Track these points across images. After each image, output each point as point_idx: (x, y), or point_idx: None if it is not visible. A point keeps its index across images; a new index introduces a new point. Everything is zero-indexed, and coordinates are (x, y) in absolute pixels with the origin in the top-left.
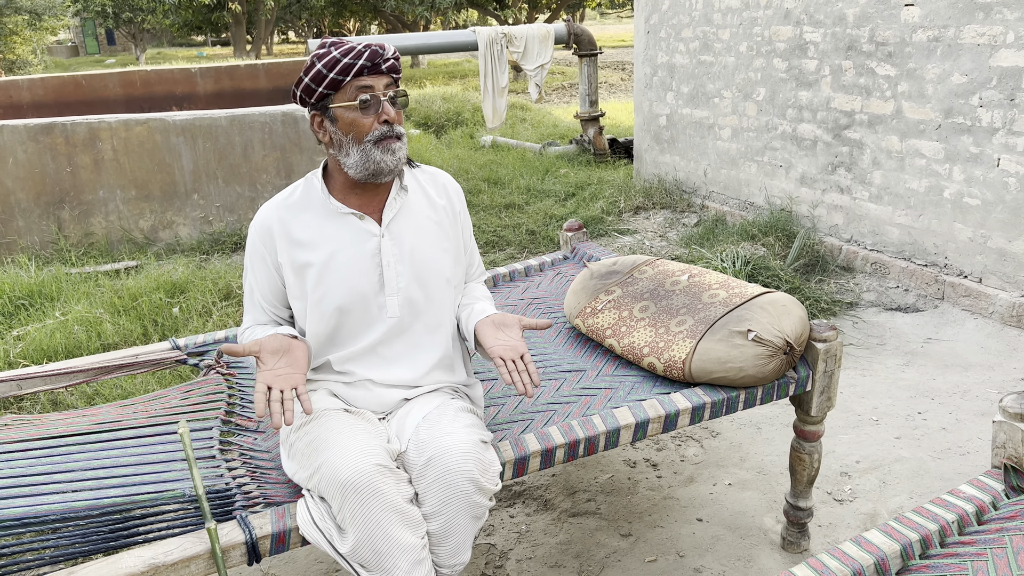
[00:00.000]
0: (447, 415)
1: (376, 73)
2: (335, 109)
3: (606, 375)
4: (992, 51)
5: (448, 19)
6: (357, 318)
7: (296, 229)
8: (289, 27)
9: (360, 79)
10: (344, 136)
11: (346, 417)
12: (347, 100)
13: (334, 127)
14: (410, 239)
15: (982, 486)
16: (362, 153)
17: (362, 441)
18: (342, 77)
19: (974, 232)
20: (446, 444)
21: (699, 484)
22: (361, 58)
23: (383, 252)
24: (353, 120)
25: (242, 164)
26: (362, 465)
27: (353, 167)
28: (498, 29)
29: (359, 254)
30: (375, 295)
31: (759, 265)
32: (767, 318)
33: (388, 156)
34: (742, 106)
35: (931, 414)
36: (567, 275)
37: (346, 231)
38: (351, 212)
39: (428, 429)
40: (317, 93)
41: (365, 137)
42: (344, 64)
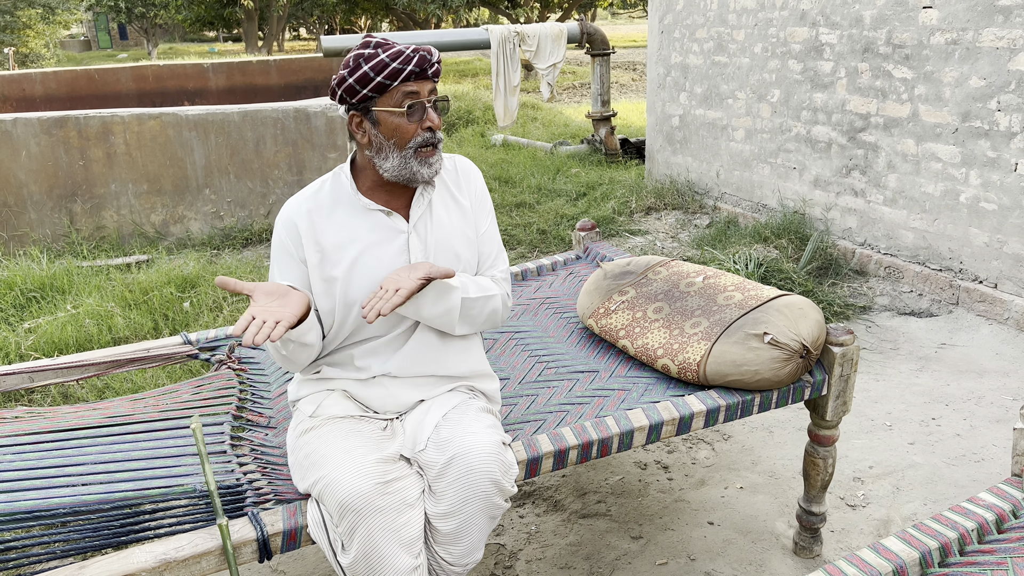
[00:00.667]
0: (468, 414)
1: (423, 78)
2: (379, 112)
3: (619, 376)
4: (1011, 55)
5: (460, 17)
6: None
7: (324, 225)
8: (300, 24)
9: (407, 84)
10: (386, 140)
11: (347, 428)
12: (393, 105)
13: (375, 130)
14: (435, 235)
15: (1002, 494)
16: (402, 160)
17: (359, 458)
18: (389, 82)
19: (990, 237)
20: (469, 443)
21: (710, 487)
22: (411, 64)
23: (411, 248)
24: (397, 125)
25: (254, 159)
26: (360, 486)
27: (389, 171)
28: (511, 28)
29: (387, 251)
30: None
31: (772, 267)
32: (783, 321)
33: (425, 168)
34: (756, 107)
35: (945, 420)
36: (580, 275)
37: (374, 228)
38: (379, 208)
39: (449, 428)
40: (361, 95)
41: (407, 143)
42: (393, 69)
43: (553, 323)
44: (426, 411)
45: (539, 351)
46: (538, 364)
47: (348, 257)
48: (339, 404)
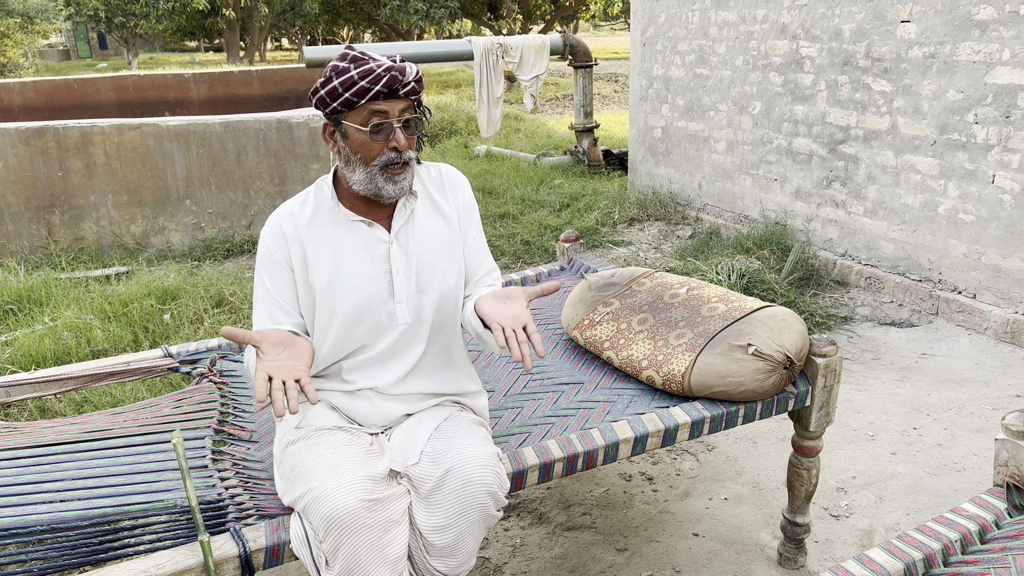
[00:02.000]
0: (461, 427)
1: (393, 98)
2: (347, 127)
3: (604, 388)
4: (988, 68)
5: (442, 28)
6: (368, 325)
7: (307, 234)
8: (283, 34)
9: (375, 103)
10: (352, 155)
11: (335, 440)
12: (359, 122)
13: (344, 143)
14: (417, 245)
15: (984, 504)
16: (367, 175)
17: (347, 473)
18: (357, 99)
19: (969, 248)
20: (465, 456)
21: (695, 498)
22: (379, 83)
23: (392, 259)
24: (363, 142)
25: (236, 170)
26: (346, 502)
27: (357, 183)
28: (494, 39)
29: (369, 261)
30: (384, 302)
31: (754, 278)
32: (767, 332)
33: (390, 186)
34: (737, 119)
35: (926, 430)
36: (564, 286)
37: (355, 239)
38: (360, 219)
39: (443, 441)
40: (331, 108)
41: (372, 161)
42: (360, 88)
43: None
44: (416, 424)
45: None
46: (523, 376)
47: (329, 267)
48: (324, 415)
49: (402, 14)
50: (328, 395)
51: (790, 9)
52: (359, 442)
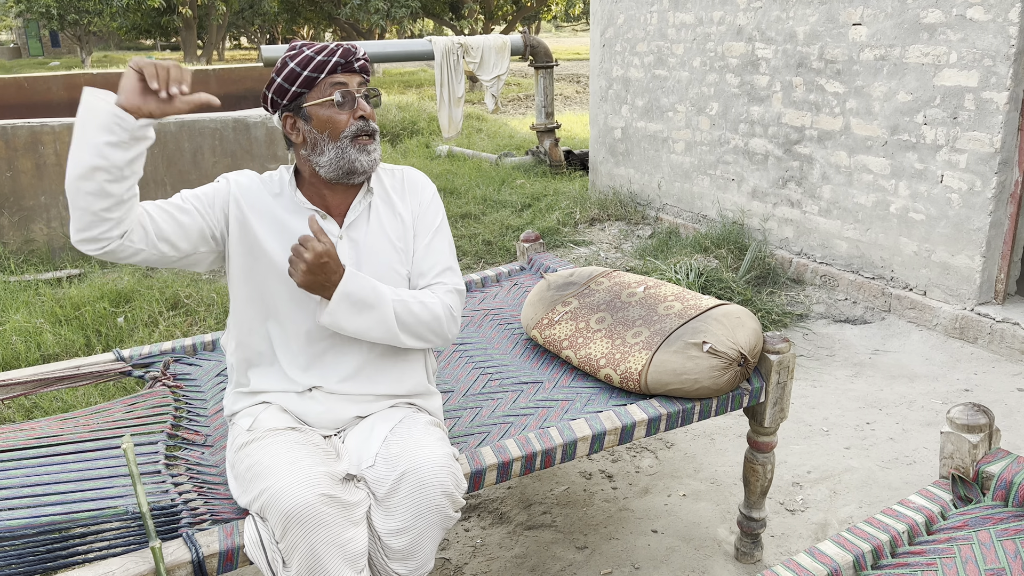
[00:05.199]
0: (417, 428)
1: (349, 71)
2: (309, 108)
3: (563, 387)
4: (936, 70)
5: (403, 28)
6: (297, 300)
7: (259, 207)
8: (242, 33)
9: (334, 76)
10: (319, 134)
11: (290, 440)
12: (322, 97)
13: (308, 126)
14: (368, 242)
15: (931, 496)
16: (338, 151)
17: (305, 469)
18: (316, 74)
19: (919, 246)
20: (421, 458)
21: (654, 495)
22: (335, 55)
23: (340, 253)
24: (329, 117)
25: (191, 171)
26: (305, 496)
27: (327, 166)
28: (454, 39)
29: None
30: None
31: (712, 277)
32: (722, 330)
33: (363, 156)
34: (695, 120)
35: (879, 424)
36: (524, 286)
37: (305, 228)
38: (314, 209)
39: (399, 442)
40: (291, 92)
41: (341, 133)
42: (318, 61)
43: (497, 334)
44: (370, 427)
45: (483, 363)
46: (482, 376)
47: (272, 249)
48: (276, 417)
49: (363, 13)
50: (278, 397)
51: (746, 11)
52: (314, 441)
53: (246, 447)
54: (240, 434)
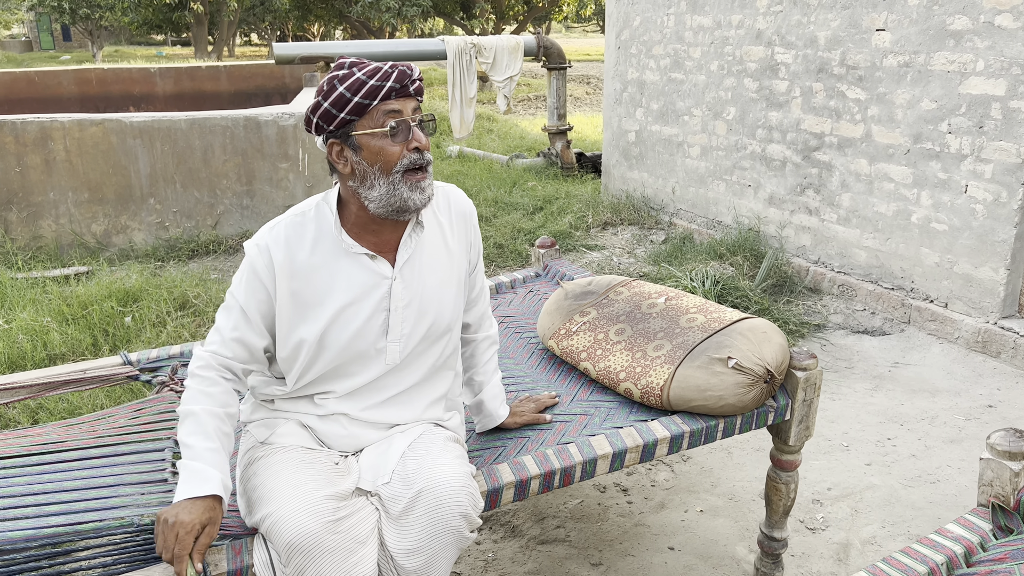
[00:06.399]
0: (436, 445)
1: (404, 96)
2: (359, 137)
3: (581, 400)
4: (962, 78)
5: (414, 27)
6: (351, 360)
7: (301, 262)
8: (252, 29)
9: (388, 103)
10: (370, 167)
11: (297, 459)
12: (374, 126)
13: (357, 157)
14: (420, 281)
15: (970, 525)
16: (389, 186)
17: (307, 494)
18: (368, 101)
19: (941, 257)
20: (439, 477)
21: (670, 510)
22: (389, 80)
23: (393, 296)
24: (381, 148)
25: (202, 169)
26: (308, 525)
27: (376, 201)
28: (467, 39)
29: (368, 300)
30: (376, 339)
31: (728, 285)
32: (747, 345)
33: (416, 195)
34: (712, 125)
35: (900, 440)
36: (539, 293)
37: (357, 273)
38: (364, 252)
39: (416, 459)
40: (338, 119)
41: (394, 168)
42: (371, 87)
43: (513, 343)
44: (388, 442)
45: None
46: None
47: (323, 307)
48: (292, 434)
49: (374, 12)
50: (299, 415)
51: (765, 15)
52: (323, 459)
53: (253, 465)
54: (252, 447)
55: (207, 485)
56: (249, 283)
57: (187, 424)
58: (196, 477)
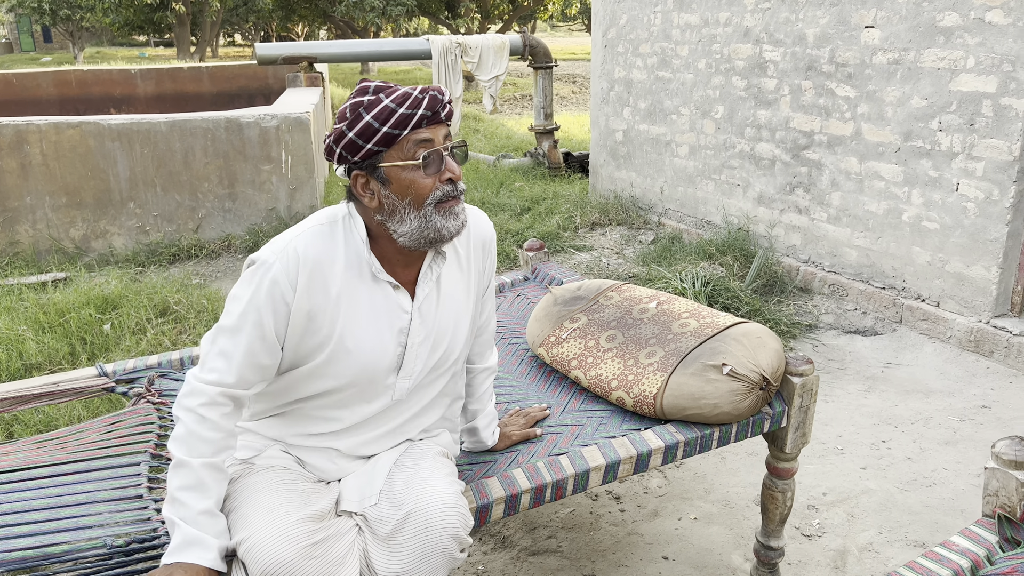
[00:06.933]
0: (424, 461)
1: (435, 123)
2: (388, 169)
3: (572, 410)
4: (952, 75)
5: (399, 26)
6: (356, 393)
7: (330, 278)
8: (235, 30)
9: (418, 132)
10: (399, 200)
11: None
12: (404, 158)
13: (386, 190)
14: (437, 316)
15: (975, 538)
16: (422, 220)
17: (283, 518)
18: (398, 131)
19: (932, 256)
20: (428, 497)
21: (664, 518)
22: (420, 107)
23: (411, 332)
24: (412, 181)
25: (182, 172)
26: (283, 553)
27: (407, 235)
28: (452, 38)
29: (387, 331)
30: (387, 374)
31: (718, 286)
32: (742, 351)
33: (451, 222)
34: (700, 123)
35: (895, 443)
36: (528, 297)
37: (380, 301)
38: (389, 280)
39: (404, 479)
40: (364, 150)
41: (425, 201)
42: (401, 115)
43: (502, 350)
44: (374, 461)
45: None
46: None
47: (339, 331)
48: (276, 456)
49: (358, 11)
50: (285, 437)
51: (753, 13)
52: (303, 476)
53: (232, 484)
54: (232, 464)
55: (207, 556)
56: (270, 297)
57: (180, 475)
58: (193, 545)
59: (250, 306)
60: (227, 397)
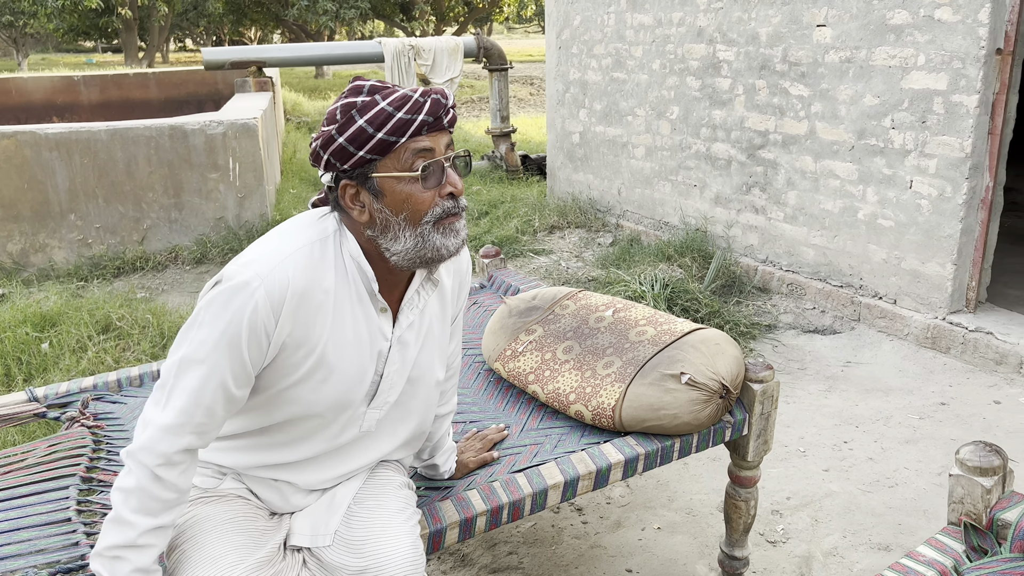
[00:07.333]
0: (386, 501)
1: (437, 130)
2: (382, 180)
3: (531, 430)
4: (903, 73)
5: (353, 29)
6: (323, 424)
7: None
8: (186, 34)
9: (418, 139)
10: (394, 216)
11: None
12: (401, 169)
13: (379, 204)
14: (416, 346)
15: (942, 547)
16: (418, 238)
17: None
18: (395, 138)
19: (888, 253)
20: (388, 553)
21: (627, 529)
22: (421, 111)
23: (389, 359)
24: (409, 195)
25: (125, 182)
26: None
27: (402, 254)
28: (405, 41)
29: (367, 355)
30: (358, 405)
31: (678, 288)
32: (700, 359)
33: (451, 240)
34: (656, 124)
35: (857, 443)
36: (484, 305)
37: (363, 324)
38: (381, 301)
39: (362, 520)
40: (357, 158)
41: (424, 217)
42: (399, 120)
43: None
44: (331, 495)
45: None
46: None
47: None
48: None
49: (310, 15)
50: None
51: (706, 12)
52: (253, 515)
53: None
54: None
55: None
56: (250, 327)
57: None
58: None
59: (224, 337)
60: (187, 453)
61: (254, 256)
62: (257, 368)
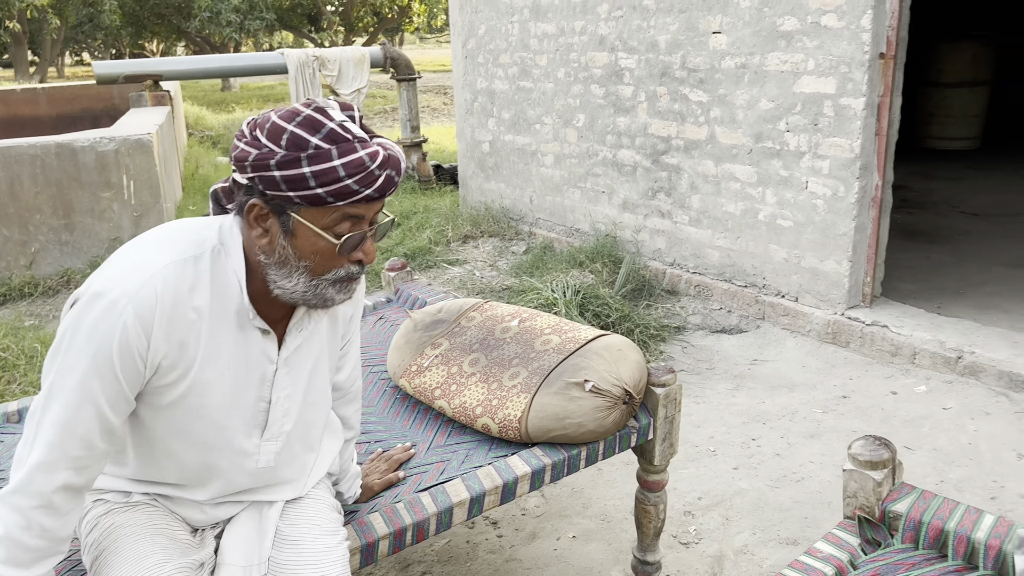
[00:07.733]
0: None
1: (376, 199)
2: (298, 223)
3: (438, 447)
4: (795, 78)
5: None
6: (214, 461)
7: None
8: (83, 48)
9: (354, 206)
10: (296, 260)
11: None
12: (323, 226)
13: (285, 240)
14: (307, 369)
15: (838, 542)
16: (311, 288)
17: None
18: (333, 200)
19: (788, 253)
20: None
21: (542, 540)
22: (371, 187)
23: (275, 387)
24: (320, 251)
25: (9, 203)
26: None
27: (287, 292)
28: (309, 52)
29: (247, 382)
30: (248, 437)
31: (589, 294)
32: (603, 365)
33: (342, 295)
34: (563, 132)
35: (764, 440)
36: (391, 320)
37: (242, 347)
38: (261, 326)
39: (293, 544)
40: (281, 194)
41: (325, 275)
42: (345, 187)
43: (362, 380)
44: (258, 515)
45: None
46: None
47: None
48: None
49: (214, 26)
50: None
51: (607, 21)
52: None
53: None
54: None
55: None
56: (121, 347)
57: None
58: None
59: (95, 362)
60: (66, 492)
61: (121, 270)
62: (135, 389)
